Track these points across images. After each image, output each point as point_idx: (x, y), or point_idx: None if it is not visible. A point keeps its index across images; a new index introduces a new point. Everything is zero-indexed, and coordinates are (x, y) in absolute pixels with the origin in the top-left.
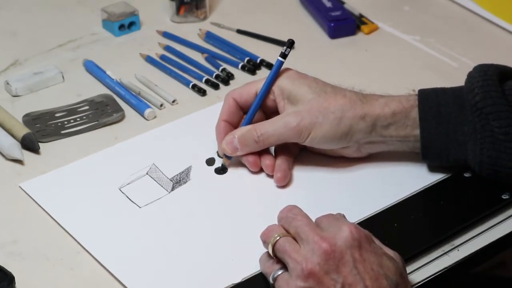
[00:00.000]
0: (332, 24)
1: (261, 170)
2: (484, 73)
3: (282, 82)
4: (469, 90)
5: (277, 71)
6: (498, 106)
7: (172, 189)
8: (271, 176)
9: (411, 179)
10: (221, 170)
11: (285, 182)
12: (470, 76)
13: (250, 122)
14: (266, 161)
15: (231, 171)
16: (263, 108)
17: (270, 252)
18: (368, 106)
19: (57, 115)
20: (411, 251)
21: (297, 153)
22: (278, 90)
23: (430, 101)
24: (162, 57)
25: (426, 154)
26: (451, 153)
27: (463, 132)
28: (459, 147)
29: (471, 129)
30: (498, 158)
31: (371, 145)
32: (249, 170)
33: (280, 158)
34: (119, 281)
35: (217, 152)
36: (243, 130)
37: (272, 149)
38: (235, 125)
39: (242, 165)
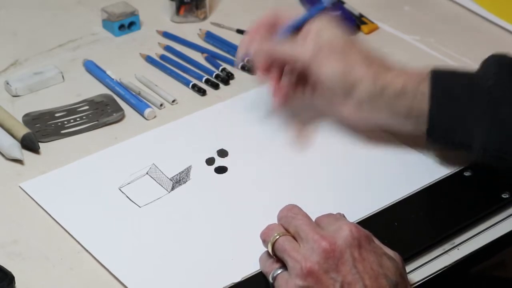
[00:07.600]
0: None
1: (260, 169)
2: (499, 60)
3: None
4: (482, 75)
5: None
6: (511, 92)
7: (172, 188)
8: (271, 176)
9: (411, 178)
10: (222, 170)
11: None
12: (485, 62)
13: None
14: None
15: (231, 171)
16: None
17: (270, 251)
18: (383, 75)
19: (57, 115)
20: (411, 250)
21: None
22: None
23: (442, 80)
24: (162, 57)
25: (432, 132)
26: (457, 135)
27: (472, 115)
28: (467, 130)
29: (481, 113)
30: (505, 143)
31: (373, 109)
32: (249, 170)
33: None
34: (119, 281)
35: (217, 151)
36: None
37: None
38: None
39: (242, 165)
